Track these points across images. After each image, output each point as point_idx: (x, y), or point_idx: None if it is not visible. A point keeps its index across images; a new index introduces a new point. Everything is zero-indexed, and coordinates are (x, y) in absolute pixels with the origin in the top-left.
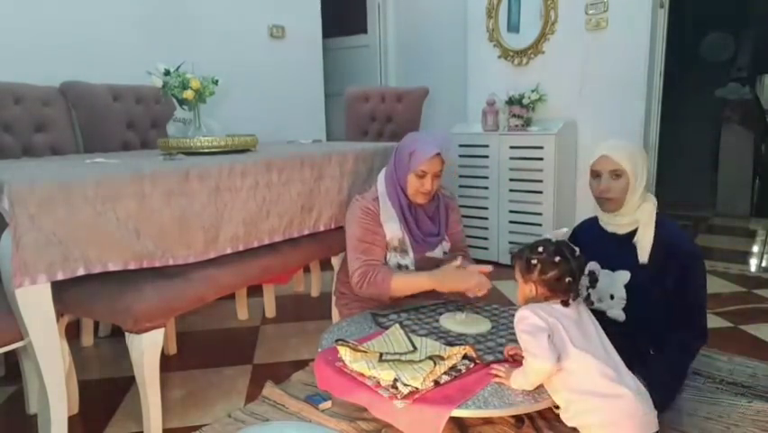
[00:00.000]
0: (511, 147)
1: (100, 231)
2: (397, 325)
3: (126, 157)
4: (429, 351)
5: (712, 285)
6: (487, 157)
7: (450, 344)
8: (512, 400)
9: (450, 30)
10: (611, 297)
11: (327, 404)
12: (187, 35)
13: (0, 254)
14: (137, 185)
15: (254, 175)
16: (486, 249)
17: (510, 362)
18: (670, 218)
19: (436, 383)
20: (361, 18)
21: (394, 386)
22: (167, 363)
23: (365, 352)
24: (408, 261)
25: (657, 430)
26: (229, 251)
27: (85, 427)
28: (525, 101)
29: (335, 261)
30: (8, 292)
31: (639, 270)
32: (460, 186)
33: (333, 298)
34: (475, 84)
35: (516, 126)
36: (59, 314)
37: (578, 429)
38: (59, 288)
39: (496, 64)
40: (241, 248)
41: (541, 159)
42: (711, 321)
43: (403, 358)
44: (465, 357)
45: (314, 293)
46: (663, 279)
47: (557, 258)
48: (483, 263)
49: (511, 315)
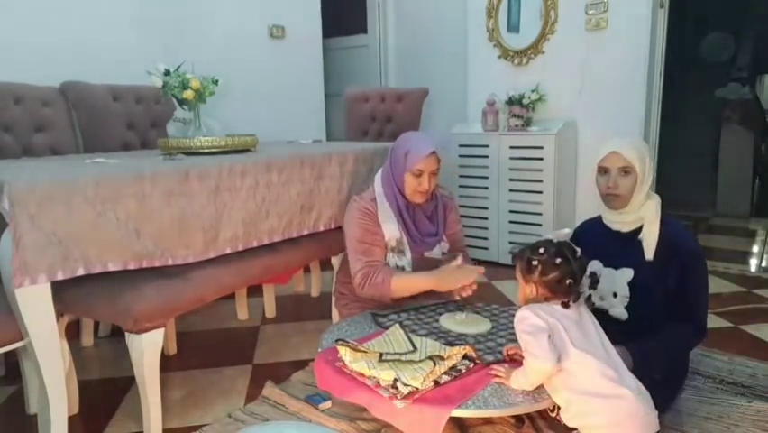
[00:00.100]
0: (511, 147)
1: (100, 231)
2: (397, 325)
3: (126, 157)
4: (429, 351)
5: (712, 285)
6: (487, 157)
7: (450, 344)
8: (512, 400)
9: (450, 30)
10: (614, 295)
11: (327, 404)
12: (187, 35)
13: (0, 254)
14: (137, 185)
15: (254, 175)
16: (486, 249)
17: (510, 362)
18: (671, 218)
19: (436, 383)
20: (361, 18)
21: (394, 386)
22: (167, 363)
23: (365, 352)
24: (405, 262)
25: (658, 430)
26: (228, 251)
27: (85, 427)
28: (525, 101)
29: (335, 261)
30: (8, 292)
31: (642, 267)
32: (460, 186)
33: (333, 298)
34: (475, 84)
35: (516, 126)
36: (59, 314)
37: (578, 430)
38: (59, 288)
39: (496, 64)
40: (240, 248)
41: (541, 159)
42: (711, 321)
43: (403, 358)
44: (465, 357)
45: (314, 293)
46: (666, 276)
47: (558, 259)
48: (483, 264)
49: (511, 315)
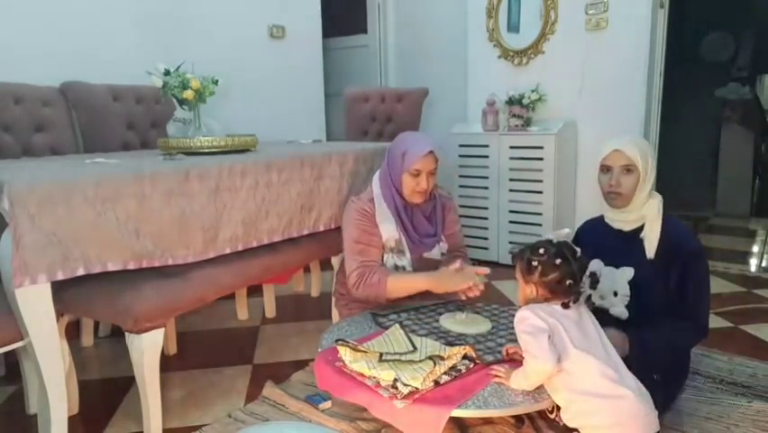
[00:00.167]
0: (511, 147)
1: (100, 231)
2: (397, 325)
3: (126, 157)
4: (429, 351)
5: (712, 285)
6: (487, 157)
7: (450, 344)
8: (512, 400)
9: (450, 30)
10: (614, 294)
11: (327, 404)
12: (188, 35)
13: (0, 254)
14: (137, 185)
15: (254, 175)
16: (486, 249)
17: (509, 362)
18: (673, 217)
19: (436, 383)
20: (361, 18)
21: (394, 386)
22: (167, 363)
23: (365, 352)
24: (405, 262)
25: (658, 430)
26: (228, 251)
27: (85, 427)
28: (525, 101)
29: (335, 261)
30: (8, 292)
31: (643, 266)
32: (460, 186)
33: (333, 298)
34: (475, 84)
35: (516, 126)
36: (59, 314)
37: (578, 430)
38: (59, 288)
39: (496, 64)
40: (240, 248)
41: (541, 159)
42: (711, 321)
43: (403, 358)
44: (465, 357)
45: (314, 293)
46: (667, 275)
47: (558, 260)
48: (483, 264)
49: (511, 315)
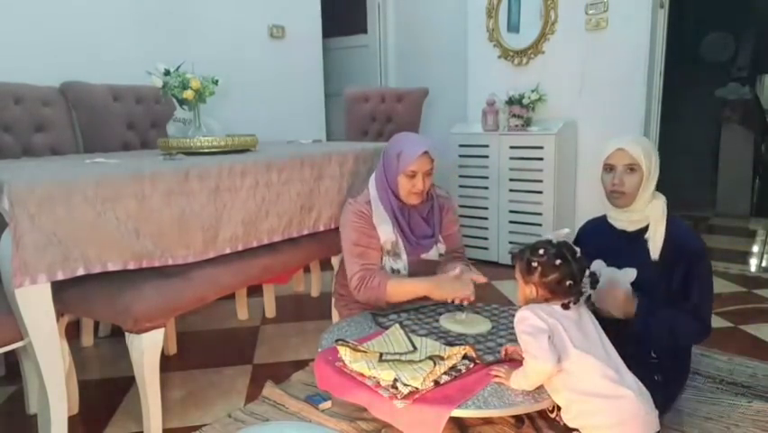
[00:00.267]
0: (511, 147)
1: (100, 231)
2: (397, 325)
3: (126, 157)
4: (429, 351)
5: None
6: (487, 157)
7: (450, 344)
8: (512, 400)
9: (450, 30)
10: None
11: (327, 404)
12: (188, 35)
13: (0, 254)
14: (137, 185)
15: (254, 175)
16: (486, 249)
17: (509, 362)
18: (677, 218)
19: (436, 383)
20: (361, 18)
21: (394, 386)
22: (167, 363)
23: (365, 352)
24: (401, 264)
25: (658, 430)
26: (228, 251)
27: (85, 427)
28: (525, 101)
29: (335, 261)
30: (8, 292)
31: (647, 267)
32: (459, 186)
33: (332, 298)
34: (475, 84)
35: (516, 126)
36: (59, 314)
37: (579, 430)
38: (59, 288)
39: (496, 64)
40: (240, 248)
41: (541, 159)
42: (712, 321)
43: (403, 358)
44: (465, 357)
45: (314, 293)
46: (671, 276)
47: (558, 261)
48: (483, 264)
49: (511, 315)
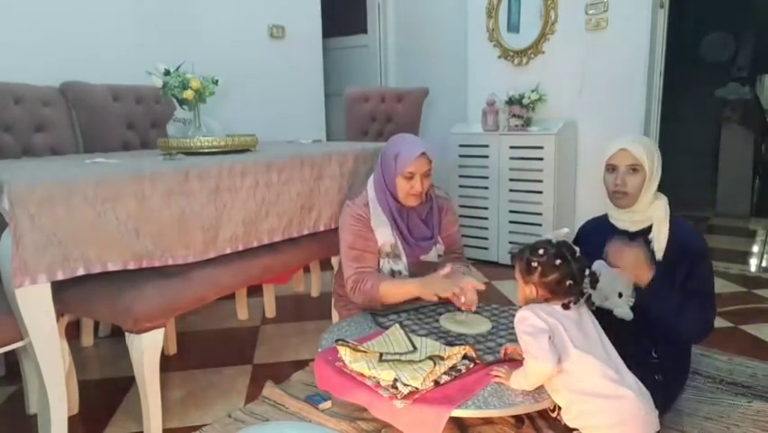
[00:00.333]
0: (511, 147)
1: (100, 231)
2: (397, 325)
3: (126, 157)
4: (429, 351)
5: None
6: (487, 157)
7: (450, 344)
8: (512, 400)
9: (450, 30)
10: (619, 295)
11: (327, 404)
12: (187, 35)
13: (0, 254)
14: (137, 185)
15: (254, 175)
16: (486, 249)
17: (509, 362)
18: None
19: (436, 383)
20: (361, 18)
21: (394, 386)
22: (167, 363)
23: (365, 352)
24: (402, 266)
25: (659, 430)
26: (228, 251)
27: (85, 427)
28: (525, 101)
29: (335, 261)
30: (8, 292)
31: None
32: (459, 186)
33: (332, 298)
34: (475, 84)
35: (516, 126)
36: (59, 314)
37: (579, 430)
38: (59, 288)
39: (496, 64)
40: (240, 248)
41: (541, 159)
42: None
43: (403, 358)
44: (465, 357)
45: (314, 293)
46: (673, 276)
47: (558, 261)
48: (483, 264)
49: (511, 315)
